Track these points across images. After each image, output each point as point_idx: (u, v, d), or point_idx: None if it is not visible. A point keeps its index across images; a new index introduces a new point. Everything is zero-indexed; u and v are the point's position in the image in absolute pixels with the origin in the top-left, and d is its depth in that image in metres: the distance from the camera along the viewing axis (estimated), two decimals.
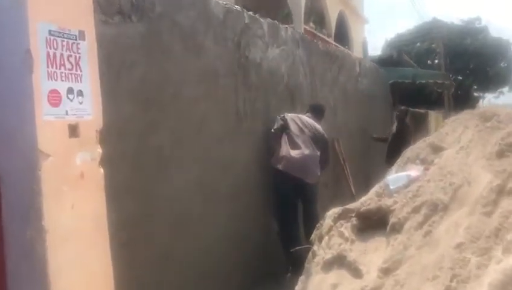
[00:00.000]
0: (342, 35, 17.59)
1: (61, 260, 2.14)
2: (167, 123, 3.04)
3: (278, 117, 4.50)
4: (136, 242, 2.74)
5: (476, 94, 37.24)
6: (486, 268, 2.11)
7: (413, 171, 2.95)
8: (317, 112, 5.03)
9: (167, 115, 3.04)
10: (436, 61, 31.60)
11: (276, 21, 4.68)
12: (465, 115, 3.10)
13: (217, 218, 3.56)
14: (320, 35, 13.53)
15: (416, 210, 2.63)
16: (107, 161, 2.48)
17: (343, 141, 6.48)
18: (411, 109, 10.22)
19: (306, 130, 4.62)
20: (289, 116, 4.58)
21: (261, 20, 4.35)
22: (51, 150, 2.11)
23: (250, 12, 4.17)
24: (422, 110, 16.65)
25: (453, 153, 2.88)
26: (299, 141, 4.51)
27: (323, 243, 3.15)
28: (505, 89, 37.73)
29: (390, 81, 10.52)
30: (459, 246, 2.29)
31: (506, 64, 33.87)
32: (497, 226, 2.17)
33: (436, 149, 3.04)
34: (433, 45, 29.67)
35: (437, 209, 2.57)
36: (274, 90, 4.56)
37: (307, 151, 4.51)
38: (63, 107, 2.17)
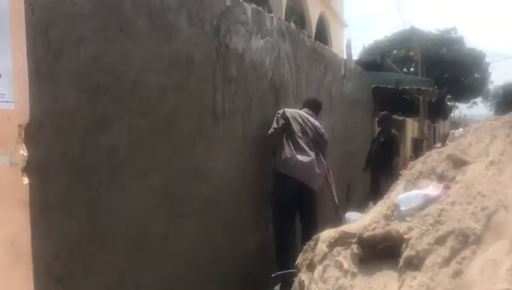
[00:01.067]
0: (322, 37, 17.18)
1: None
2: (124, 118, 2.39)
3: (278, 114, 4.10)
4: (76, 275, 2.08)
5: (449, 104, 37.64)
6: None
7: (431, 190, 2.40)
8: (314, 107, 4.62)
9: (124, 107, 2.39)
10: (412, 69, 31.74)
11: (261, 8, 4.08)
12: (491, 122, 2.57)
13: (186, 236, 2.93)
14: (301, 36, 13.04)
15: (440, 241, 2.05)
16: (36, 167, 1.84)
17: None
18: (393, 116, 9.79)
19: (308, 131, 4.25)
20: (289, 112, 4.17)
21: (245, 4, 3.74)
22: None
23: None
24: (400, 118, 16.40)
25: (480, 168, 2.32)
26: (303, 143, 4.15)
27: (316, 274, 2.54)
28: (478, 100, 38.27)
29: (373, 86, 10.09)
30: None
31: (479, 75, 34.34)
32: None
33: (458, 163, 2.49)
34: (411, 53, 29.74)
35: (467, 241, 1.99)
36: (257, 86, 3.95)
37: (312, 155, 4.18)
38: None
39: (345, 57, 12.22)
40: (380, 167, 7.62)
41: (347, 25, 21.40)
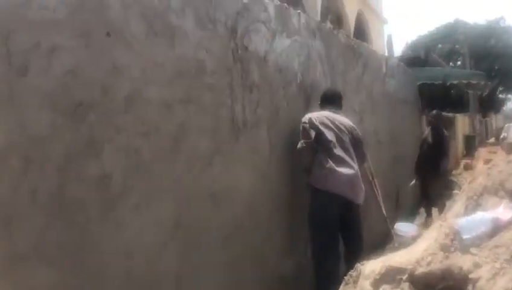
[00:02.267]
0: (361, 35, 16.59)
1: None
2: (117, 140, 2.01)
3: (305, 124, 3.53)
4: None
5: (501, 96, 35.88)
6: None
7: (501, 212, 1.89)
8: (336, 102, 3.95)
9: (117, 127, 2.01)
10: (459, 62, 30.42)
11: (285, 4, 3.65)
12: None
13: (202, 275, 2.51)
14: (334, 32, 12.59)
15: None
16: None
17: (370, 152, 5.40)
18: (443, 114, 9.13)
19: (344, 137, 3.69)
20: (317, 119, 3.58)
21: (265, 0, 3.31)
22: None
23: None
24: (450, 115, 15.52)
25: None
26: (342, 153, 3.60)
27: None
28: None
29: (418, 83, 9.44)
30: None
31: None
32: None
33: None
34: (456, 46, 28.52)
35: None
36: (284, 92, 3.51)
37: (355, 166, 3.64)
38: None
39: (386, 53, 11.61)
40: (430, 170, 7.02)
41: (386, 21, 20.66)
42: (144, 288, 2.12)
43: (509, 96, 37.60)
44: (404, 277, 1.95)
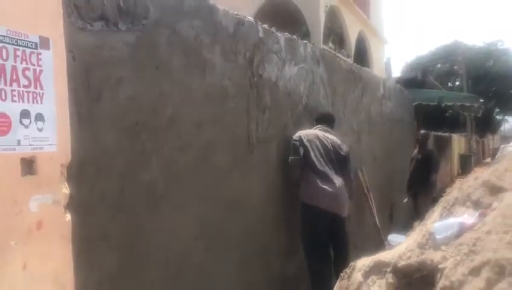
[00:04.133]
0: (362, 56, 17.12)
1: None
2: (162, 153, 2.50)
3: (296, 142, 3.86)
4: None
5: (498, 117, 36.38)
6: None
7: (466, 218, 2.37)
8: (330, 121, 4.37)
9: (162, 143, 2.51)
10: (457, 83, 30.98)
11: (294, 36, 4.16)
12: None
13: (223, 267, 2.99)
14: (340, 55, 13.08)
15: (475, 272, 2.02)
16: (79, 204, 1.96)
17: (367, 169, 5.90)
18: (434, 133, 9.55)
19: (331, 154, 4.01)
20: (306, 137, 3.91)
21: (278, 34, 3.83)
22: None
23: (265, 25, 3.65)
24: (445, 134, 16.00)
25: None
26: (327, 170, 3.91)
27: None
28: None
29: (414, 103, 9.94)
30: None
31: None
32: None
33: (494, 190, 2.44)
34: (455, 67, 29.07)
35: (504, 273, 1.94)
36: (291, 113, 4.01)
37: (338, 182, 3.93)
38: (13, 135, 1.65)
39: (384, 74, 12.11)
40: (419, 185, 7.47)
41: (387, 41, 21.28)
42: (177, 276, 2.59)
43: (506, 117, 38.16)
44: (389, 269, 2.42)
